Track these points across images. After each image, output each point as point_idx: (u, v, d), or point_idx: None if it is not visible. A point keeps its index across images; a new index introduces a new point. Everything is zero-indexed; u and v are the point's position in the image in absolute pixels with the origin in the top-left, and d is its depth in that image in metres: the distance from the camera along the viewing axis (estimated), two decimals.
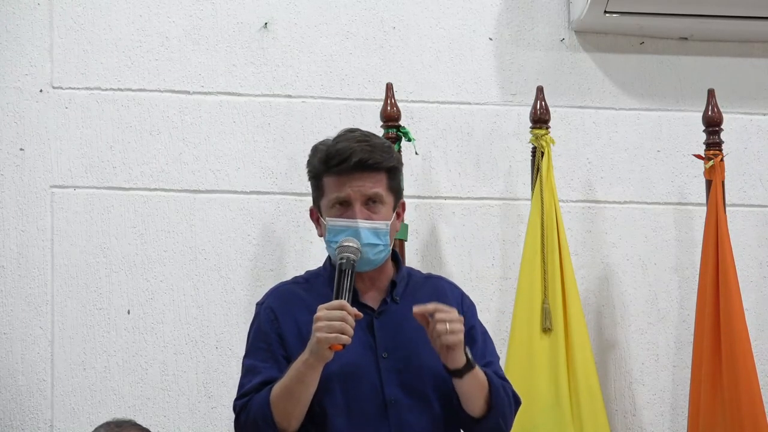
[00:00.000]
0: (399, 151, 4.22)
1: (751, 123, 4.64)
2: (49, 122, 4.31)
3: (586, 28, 4.57)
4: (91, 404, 4.23)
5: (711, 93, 4.38)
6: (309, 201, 4.34)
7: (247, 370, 3.20)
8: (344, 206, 3.17)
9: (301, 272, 4.31)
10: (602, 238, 4.54)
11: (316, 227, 3.26)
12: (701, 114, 4.39)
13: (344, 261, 3.08)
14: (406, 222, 4.15)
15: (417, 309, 3.05)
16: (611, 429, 4.27)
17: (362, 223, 3.15)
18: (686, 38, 4.64)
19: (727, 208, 4.34)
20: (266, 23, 4.45)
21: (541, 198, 4.24)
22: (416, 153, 4.29)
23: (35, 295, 4.24)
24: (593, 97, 4.59)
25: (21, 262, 4.24)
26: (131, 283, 4.29)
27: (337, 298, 3.03)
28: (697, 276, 4.33)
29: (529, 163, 4.34)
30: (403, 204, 3.31)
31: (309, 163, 3.26)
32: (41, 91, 4.31)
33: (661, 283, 4.54)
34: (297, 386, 3.05)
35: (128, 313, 4.28)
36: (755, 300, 4.54)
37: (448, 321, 3.03)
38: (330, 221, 3.17)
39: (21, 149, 4.29)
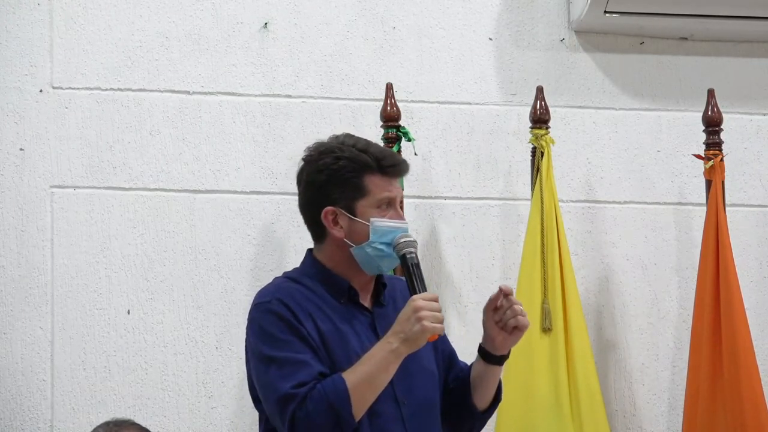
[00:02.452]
0: (399, 151, 4.23)
1: (751, 123, 4.64)
2: (49, 122, 4.31)
3: (586, 28, 4.57)
4: (91, 404, 4.23)
5: (711, 93, 4.39)
6: None
7: (286, 361, 3.06)
8: (389, 207, 3.17)
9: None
10: (602, 238, 4.54)
11: (334, 229, 3.16)
12: (701, 114, 4.39)
13: (413, 255, 3.11)
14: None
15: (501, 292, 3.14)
16: (611, 429, 4.27)
17: (407, 224, 3.19)
18: (686, 38, 4.64)
19: (727, 208, 4.34)
20: (266, 23, 4.46)
21: (541, 198, 4.24)
22: (415, 154, 4.29)
23: (35, 295, 4.24)
24: (593, 97, 4.59)
25: (21, 262, 4.24)
26: (131, 283, 4.29)
27: (417, 291, 3.06)
28: (697, 276, 4.33)
29: (529, 163, 4.34)
30: None
31: (338, 162, 3.16)
32: (41, 91, 4.31)
33: (661, 283, 4.54)
34: (382, 375, 3.03)
35: (128, 313, 4.28)
36: (755, 300, 4.54)
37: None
38: (378, 221, 3.14)
39: (21, 149, 4.29)
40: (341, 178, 3.15)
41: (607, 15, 4.47)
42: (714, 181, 4.30)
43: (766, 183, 4.63)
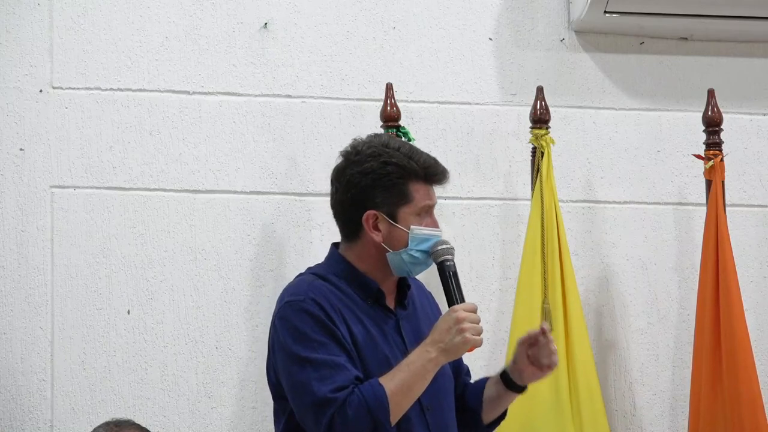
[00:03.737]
0: None
1: (751, 123, 4.64)
2: (49, 122, 4.31)
3: (586, 28, 4.57)
4: (91, 404, 4.23)
5: (711, 93, 4.38)
6: (309, 201, 4.38)
7: (322, 363, 3.05)
8: (427, 214, 3.20)
9: (300, 271, 4.34)
10: (602, 238, 4.54)
11: (373, 233, 3.16)
12: (701, 114, 4.39)
13: (451, 263, 3.15)
14: None
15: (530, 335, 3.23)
16: (611, 429, 4.27)
17: (441, 232, 3.22)
18: (686, 38, 4.64)
19: (727, 208, 4.34)
20: (266, 23, 4.45)
21: (541, 198, 4.24)
22: None
23: (35, 295, 4.24)
24: (593, 97, 4.59)
25: (21, 262, 4.24)
26: (131, 283, 4.29)
27: (454, 302, 3.10)
28: (697, 276, 4.33)
29: (529, 163, 4.34)
30: None
31: (386, 167, 3.16)
32: (41, 91, 4.31)
33: (661, 283, 4.54)
34: (419, 383, 3.05)
35: (128, 313, 4.28)
36: (755, 300, 4.54)
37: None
38: (418, 229, 3.16)
39: (21, 149, 4.29)
40: (387, 183, 3.16)
41: (607, 15, 4.47)
42: (714, 181, 4.30)
43: (766, 183, 4.63)
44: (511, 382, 3.26)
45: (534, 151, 4.31)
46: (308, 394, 3.03)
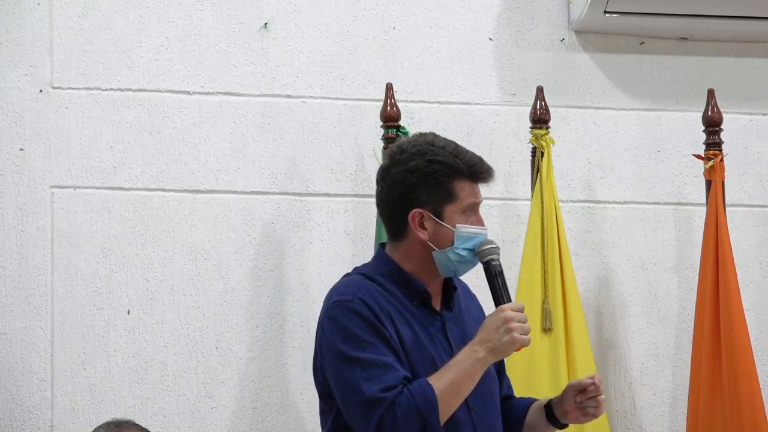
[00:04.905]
0: None
1: (751, 123, 4.64)
2: (49, 122, 4.31)
3: (586, 28, 4.57)
4: (91, 404, 4.23)
5: (711, 93, 4.39)
6: (309, 201, 4.38)
7: (371, 363, 3.04)
8: (472, 212, 3.19)
9: (301, 271, 4.35)
10: (602, 238, 4.54)
11: (419, 231, 3.15)
12: (701, 114, 4.39)
13: (497, 263, 3.14)
14: None
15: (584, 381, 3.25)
16: (611, 429, 4.27)
17: (486, 231, 3.21)
18: (686, 38, 4.64)
19: (727, 208, 4.34)
20: (266, 23, 4.46)
21: (541, 198, 4.25)
22: None
23: (35, 295, 4.24)
24: (593, 97, 4.59)
25: (21, 262, 4.24)
26: (131, 283, 4.29)
27: (501, 302, 3.10)
28: (697, 276, 4.33)
29: (529, 163, 4.34)
30: None
31: (431, 165, 3.16)
32: (41, 91, 4.31)
33: (661, 283, 4.54)
34: (467, 383, 3.04)
35: (128, 313, 4.28)
36: (755, 300, 4.55)
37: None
38: (464, 227, 3.14)
39: (21, 149, 4.29)
40: (433, 181, 3.15)
41: (607, 15, 4.47)
42: (714, 181, 4.30)
43: (766, 183, 4.63)
44: (553, 418, 3.27)
45: (534, 151, 4.32)
46: (357, 393, 3.03)
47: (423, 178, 3.15)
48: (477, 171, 3.19)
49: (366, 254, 4.28)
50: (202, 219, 4.35)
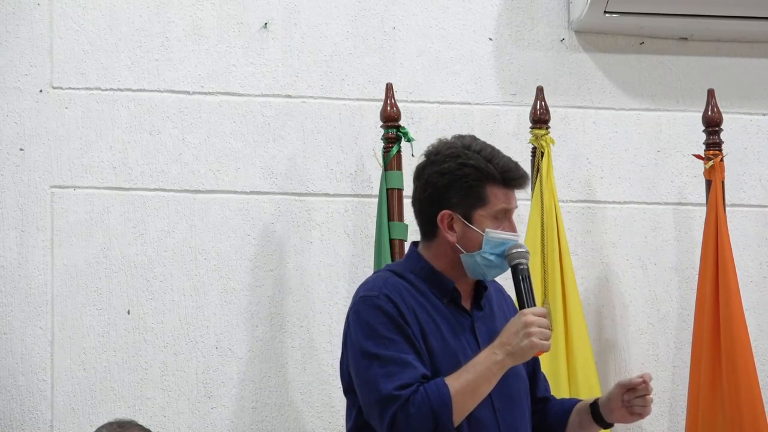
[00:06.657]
0: (399, 152, 4.23)
1: (751, 123, 4.65)
2: (49, 122, 4.31)
3: (586, 28, 4.57)
4: (91, 404, 4.23)
5: (711, 93, 4.39)
6: (309, 201, 4.38)
7: (390, 360, 3.06)
8: (504, 218, 3.19)
9: (301, 271, 4.35)
10: (602, 238, 4.54)
11: (447, 233, 3.15)
12: (701, 114, 4.39)
13: (525, 267, 3.14)
14: (405, 222, 4.15)
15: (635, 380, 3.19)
16: (611, 429, 4.26)
17: (518, 237, 3.21)
18: (686, 38, 4.64)
19: (727, 208, 4.34)
20: (266, 23, 4.46)
21: (541, 198, 4.25)
22: (412, 155, 4.28)
23: (35, 295, 4.24)
24: (593, 97, 4.60)
25: (21, 262, 4.24)
26: (131, 283, 4.29)
27: (525, 306, 3.09)
28: (697, 276, 4.33)
29: (529, 164, 4.34)
30: None
31: (463, 169, 3.16)
32: (41, 91, 4.31)
33: (661, 283, 4.54)
34: (484, 385, 3.04)
35: (128, 313, 4.28)
36: (755, 300, 4.55)
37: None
38: (493, 233, 3.14)
39: (21, 149, 4.29)
40: (464, 185, 3.15)
41: (607, 15, 4.47)
42: (714, 181, 4.30)
43: (766, 183, 4.63)
44: (599, 417, 3.25)
45: (534, 151, 4.32)
46: (374, 390, 3.04)
47: (454, 181, 3.15)
48: (510, 177, 3.18)
49: (366, 254, 4.29)
50: (202, 219, 4.35)
